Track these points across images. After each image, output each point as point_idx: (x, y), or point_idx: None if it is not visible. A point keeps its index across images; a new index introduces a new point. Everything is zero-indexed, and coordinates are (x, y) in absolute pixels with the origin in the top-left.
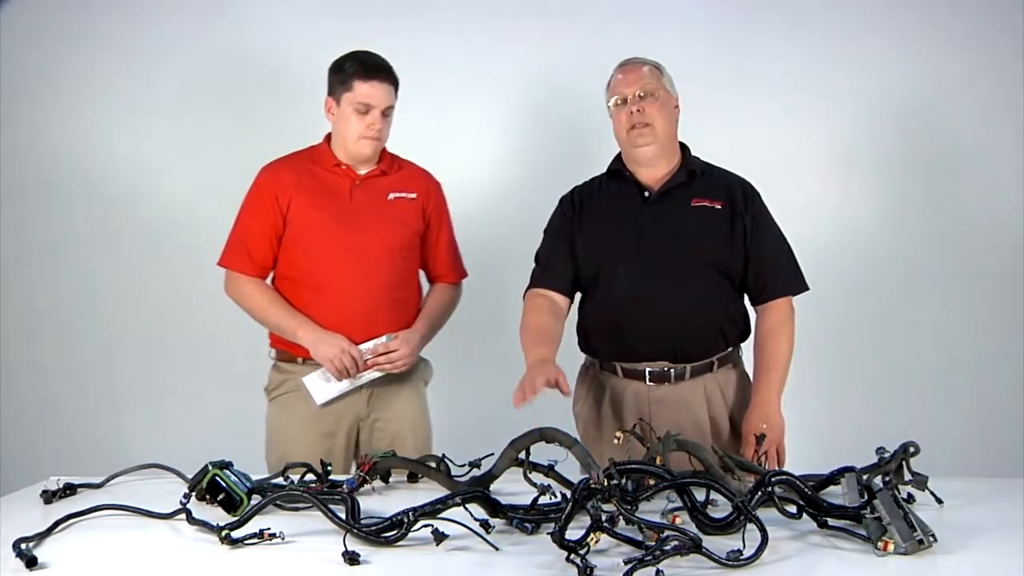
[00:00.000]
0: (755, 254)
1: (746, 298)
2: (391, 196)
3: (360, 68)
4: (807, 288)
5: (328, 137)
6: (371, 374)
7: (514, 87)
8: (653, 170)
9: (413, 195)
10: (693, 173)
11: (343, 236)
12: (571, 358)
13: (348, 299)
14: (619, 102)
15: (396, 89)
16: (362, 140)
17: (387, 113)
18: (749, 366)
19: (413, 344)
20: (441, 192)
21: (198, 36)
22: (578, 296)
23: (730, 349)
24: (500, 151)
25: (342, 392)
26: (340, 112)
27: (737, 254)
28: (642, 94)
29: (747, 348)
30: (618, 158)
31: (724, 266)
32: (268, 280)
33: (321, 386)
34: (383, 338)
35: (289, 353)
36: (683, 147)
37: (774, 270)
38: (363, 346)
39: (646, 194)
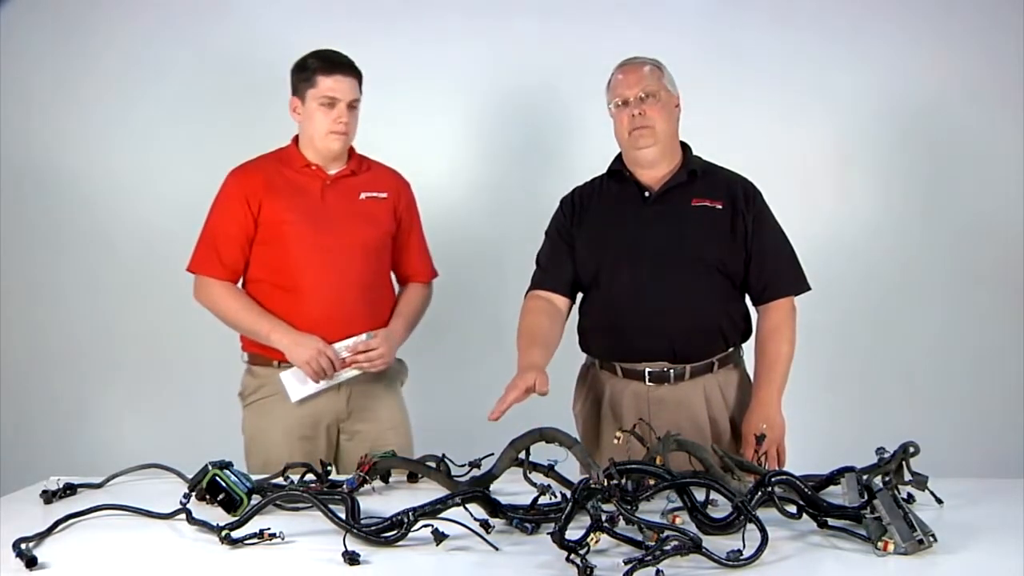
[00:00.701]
0: (756, 254)
1: (747, 298)
2: (362, 196)
3: (322, 63)
4: (808, 288)
5: (296, 140)
6: (349, 372)
7: (513, 87)
8: (654, 170)
9: (384, 195)
10: (694, 173)
11: (315, 237)
12: (571, 358)
13: (322, 300)
14: (620, 103)
15: (360, 83)
16: (330, 135)
17: (353, 106)
18: (751, 366)
19: (392, 343)
20: (411, 192)
21: (198, 37)
22: (579, 296)
23: (731, 349)
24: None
25: (318, 390)
26: (306, 110)
27: (738, 254)
28: (643, 95)
29: (749, 348)
30: (618, 158)
31: (724, 266)
32: (239, 284)
33: (298, 384)
34: (363, 336)
35: (263, 356)
36: (684, 146)
37: (775, 270)
38: (342, 344)
39: (646, 194)
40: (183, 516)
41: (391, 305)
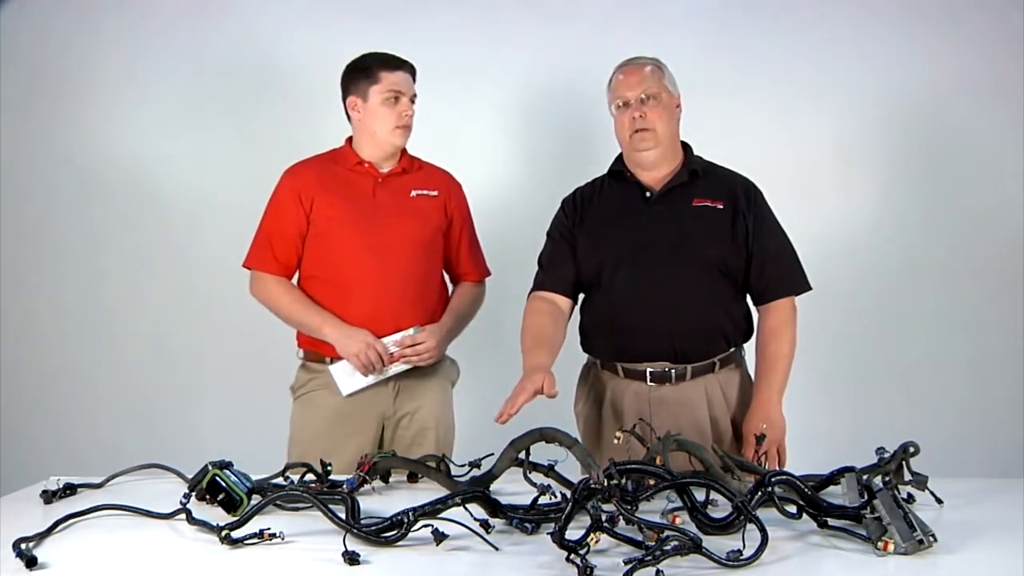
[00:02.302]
0: (757, 254)
1: (748, 298)
2: (413, 193)
3: (383, 60)
4: (809, 288)
5: (349, 140)
6: (398, 367)
7: (515, 88)
8: (655, 171)
9: (435, 192)
10: (695, 173)
11: (364, 233)
12: (572, 358)
13: (372, 295)
14: (621, 105)
15: (415, 79)
16: (397, 130)
17: (413, 101)
18: (753, 366)
19: (439, 337)
20: (462, 191)
21: (201, 37)
22: (581, 296)
23: (732, 349)
24: (503, 153)
25: (369, 384)
26: (368, 107)
27: (739, 254)
28: (644, 97)
29: (750, 348)
30: (619, 159)
31: (725, 266)
32: (294, 280)
33: (347, 377)
34: (410, 330)
35: (317, 353)
36: (685, 146)
37: (776, 270)
38: (389, 338)
39: (647, 194)
40: (183, 516)
41: (443, 302)
